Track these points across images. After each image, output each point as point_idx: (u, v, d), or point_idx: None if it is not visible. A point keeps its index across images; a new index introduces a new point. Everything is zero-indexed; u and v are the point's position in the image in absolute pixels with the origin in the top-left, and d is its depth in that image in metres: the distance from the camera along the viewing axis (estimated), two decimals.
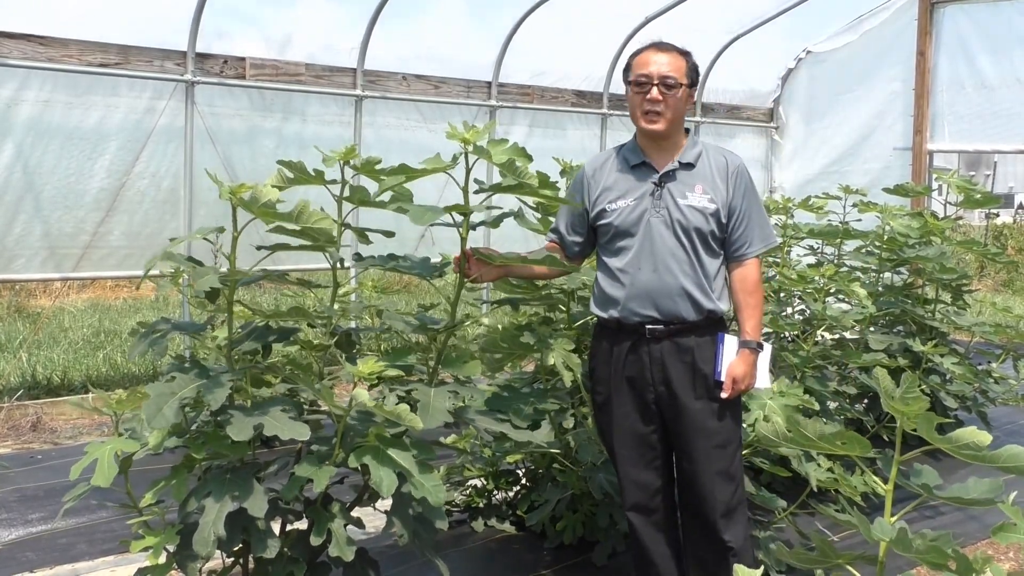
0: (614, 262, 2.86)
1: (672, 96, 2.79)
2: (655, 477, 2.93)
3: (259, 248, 2.59)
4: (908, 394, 1.78)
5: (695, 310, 2.81)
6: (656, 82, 2.78)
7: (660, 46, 2.86)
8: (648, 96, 2.79)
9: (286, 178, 2.57)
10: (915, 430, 1.82)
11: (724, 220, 2.83)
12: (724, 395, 2.80)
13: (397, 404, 2.65)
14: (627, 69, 2.89)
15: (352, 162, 2.61)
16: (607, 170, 2.92)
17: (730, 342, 2.83)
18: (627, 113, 3.14)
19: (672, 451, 2.94)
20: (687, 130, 2.93)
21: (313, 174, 2.57)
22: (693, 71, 2.87)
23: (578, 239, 3.00)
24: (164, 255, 2.42)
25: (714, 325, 2.87)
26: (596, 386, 3.00)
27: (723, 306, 2.87)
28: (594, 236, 2.97)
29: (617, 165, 2.91)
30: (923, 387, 4.59)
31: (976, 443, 1.76)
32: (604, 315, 2.90)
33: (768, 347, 2.93)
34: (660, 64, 2.80)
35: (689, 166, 2.84)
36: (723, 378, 2.81)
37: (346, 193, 2.67)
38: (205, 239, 2.45)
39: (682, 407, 2.82)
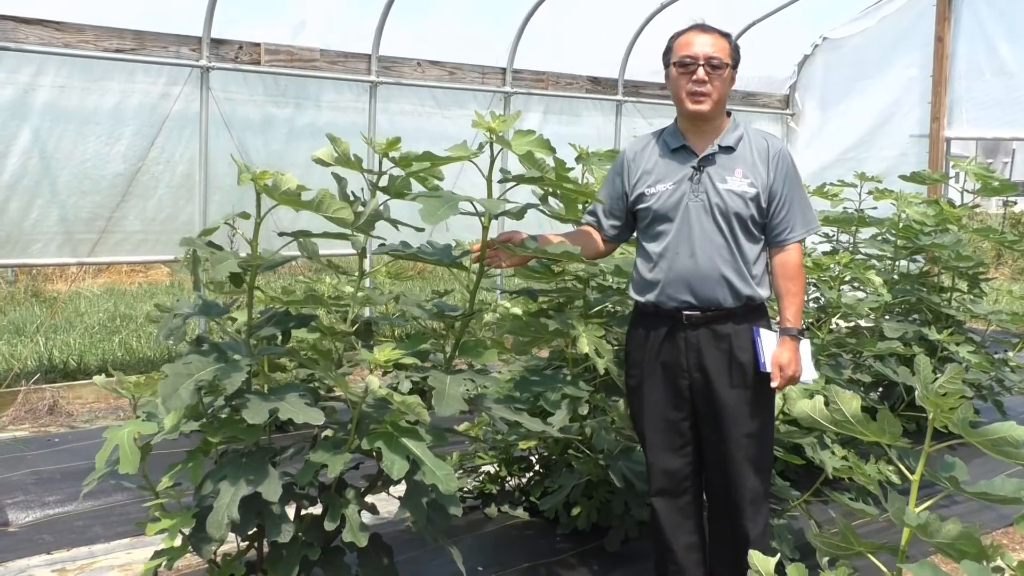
0: (652, 246, 2.84)
1: (718, 77, 2.75)
2: (683, 464, 2.91)
3: (280, 234, 2.59)
4: (949, 384, 1.76)
5: (733, 296, 2.76)
6: (702, 62, 2.74)
7: (703, 27, 2.81)
8: (695, 77, 2.74)
9: (332, 157, 2.57)
10: (946, 427, 1.81)
11: (764, 205, 2.77)
12: (774, 384, 2.73)
13: (411, 390, 2.66)
14: (668, 51, 2.84)
15: (391, 155, 2.61)
16: (647, 154, 2.88)
17: (766, 335, 2.77)
18: (641, 100, 3.14)
19: (701, 440, 2.91)
20: (728, 113, 2.88)
21: (354, 159, 2.58)
22: (736, 52, 2.82)
23: (616, 223, 2.97)
24: (183, 241, 2.43)
25: (753, 312, 2.81)
26: (630, 369, 2.97)
27: (763, 292, 2.81)
28: (633, 220, 2.94)
29: (657, 149, 2.87)
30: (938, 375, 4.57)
31: (1012, 438, 1.74)
32: (641, 299, 2.88)
33: (807, 339, 2.85)
34: (704, 45, 2.75)
35: (729, 149, 2.80)
36: (768, 368, 2.74)
37: (383, 183, 2.67)
38: (227, 223, 2.46)
39: (716, 395, 2.79)
